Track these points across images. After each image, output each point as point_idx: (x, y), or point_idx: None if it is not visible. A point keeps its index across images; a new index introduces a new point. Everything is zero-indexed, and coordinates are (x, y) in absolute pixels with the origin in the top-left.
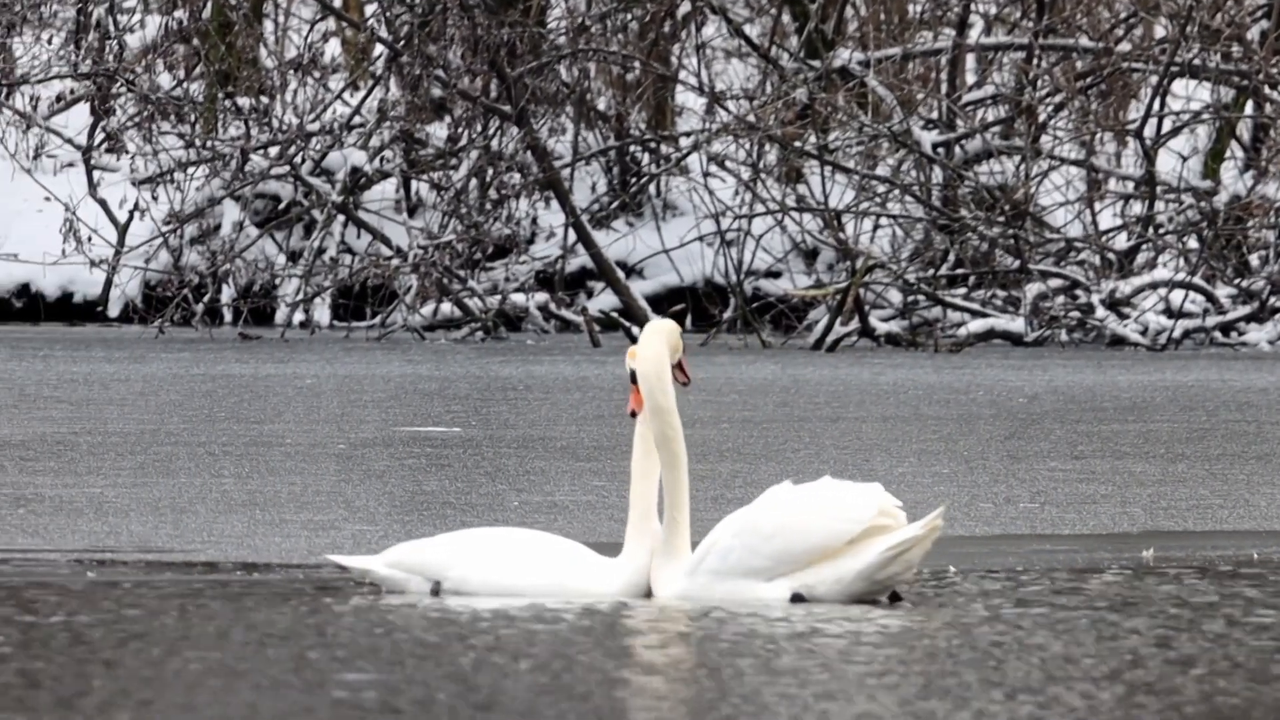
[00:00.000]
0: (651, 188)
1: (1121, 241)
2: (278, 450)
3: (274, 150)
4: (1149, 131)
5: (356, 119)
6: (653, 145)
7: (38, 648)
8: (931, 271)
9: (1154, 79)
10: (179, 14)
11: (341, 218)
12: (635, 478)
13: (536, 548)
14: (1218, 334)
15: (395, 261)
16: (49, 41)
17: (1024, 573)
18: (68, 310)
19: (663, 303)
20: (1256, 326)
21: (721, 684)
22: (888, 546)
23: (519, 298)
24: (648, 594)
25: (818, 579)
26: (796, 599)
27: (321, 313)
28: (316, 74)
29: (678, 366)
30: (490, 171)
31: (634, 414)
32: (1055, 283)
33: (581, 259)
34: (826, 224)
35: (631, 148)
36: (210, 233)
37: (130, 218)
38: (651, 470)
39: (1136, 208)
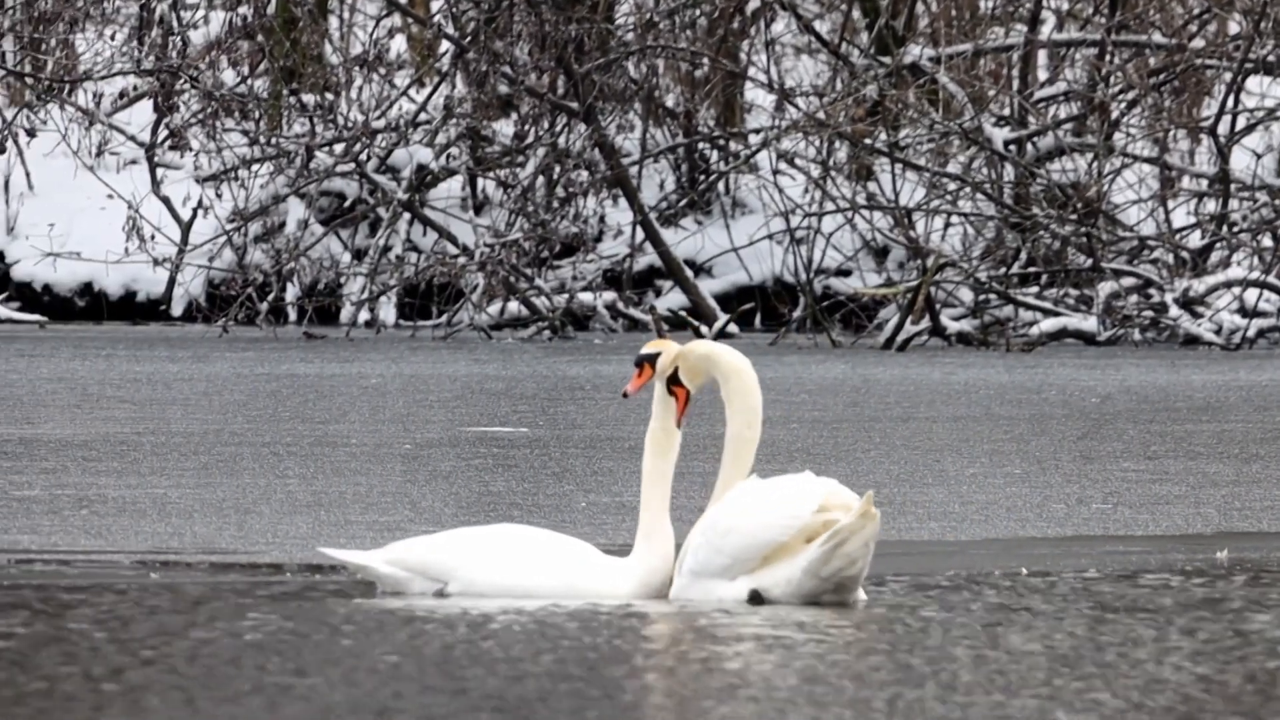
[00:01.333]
0: (720, 185)
1: (1195, 240)
2: (343, 451)
3: (339, 147)
4: (1223, 129)
5: (422, 116)
6: (721, 142)
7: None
8: (1003, 270)
9: (1227, 75)
10: (243, 10)
11: (407, 215)
12: (647, 478)
13: (545, 548)
14: None
15: (461, 260)
16: (112, 38)
17: (1097, 574)
18: (131, 309)
19: (731, 301)
20: None
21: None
22: (822, 541)
23: (586, 296)
24: (655, 594)
25: (772, 579)
26: (754, 599)
27: (387, 311)
28: (382, 70)
29: (681, 398)
30: (557, 169)
31: (625, 395)
32: (1128, 281)
33: (650, 257)
34: (897, 222)
35: (700, 145)
36: (274, 231)
37: (194, 215)
38: (664, 471)
39: (1210, 205)
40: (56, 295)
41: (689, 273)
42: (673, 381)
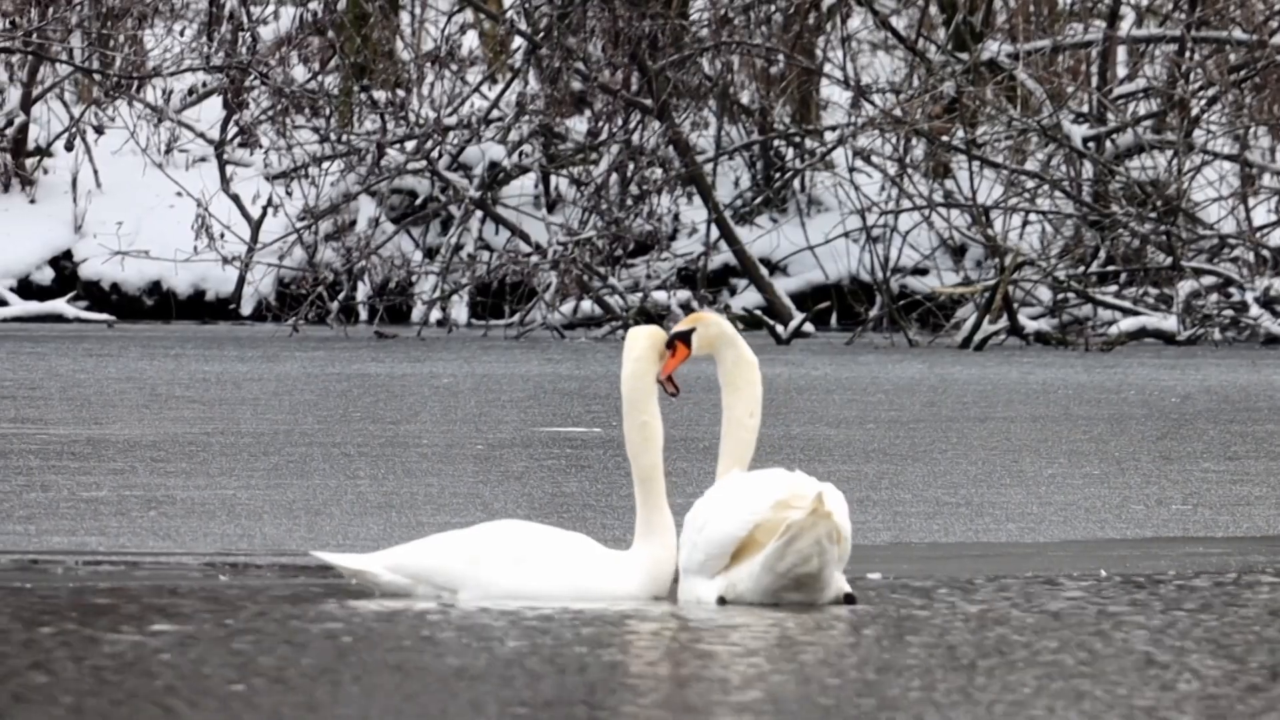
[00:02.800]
0: (796, 183)
1: (1276, 238)
2: (414, 451)
3: (410, 145)
4: None
5: (495, 113)
6: (797, 140)
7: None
8: (1082, 268)
9: None
10: (314, 5)
11: (479, 213)
12: (640, 470)
13: (551, 547)
14: None
15: (534, 258)
16: (181, 34)
17: (1176, 576)
18: (200, 308)
19: (807, 300)
20: None
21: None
22: (776, 538)
23: (661, 295)
24: (662, 587)
25: (738, 576)
26: (721, 600)
27: (459, 310)
28: (454, 67)
29: (680, 355)
30: (631, 166)
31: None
32: (1208, 280)
33: (724, 256)
34: (974, 220)
35: (775, 142)
36: (345, 229)
37: (264, 213)
38: (656, 461)
39: None
40: (125, 294)
41: (764, 271)
42: (680, 338)
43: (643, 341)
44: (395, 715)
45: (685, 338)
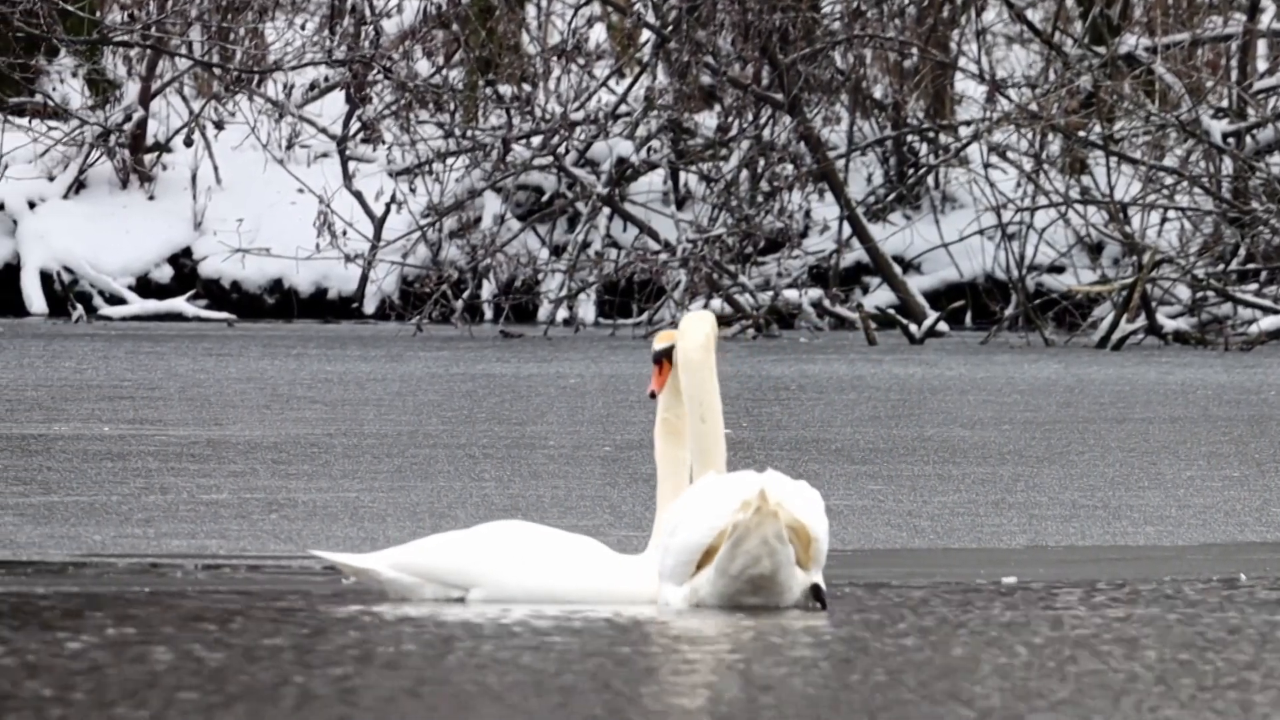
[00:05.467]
0: (930, 179)
1: None
2: (540, 453)
3: (537, 140)
4: None
5: (622, 107)
6: (931, 135)
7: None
8: (1221, 266)
9: None
10: None
11: (607, 210)
12: (662, 471)
13: (560, 548)
14: None
15: (663, 256)
16: (302, 27)
17: None
18: (322, 307)
19: (941, 299)
20: None
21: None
22: (725, 540)
23: (792, 294)
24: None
25: (699, 582)
26: (690, 606)
27: (586, 309)
28: (581, 61)
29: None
30: (762, 162)
31: (653, 395)
32: None
33: (857, 253)
34: (1112, 217)
35: (909, 137)
36: (470, 226)
37: (387, 210)
38: (682, 459)
39: None
40: (245, 292)
41: (897, 269)
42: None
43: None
44: None
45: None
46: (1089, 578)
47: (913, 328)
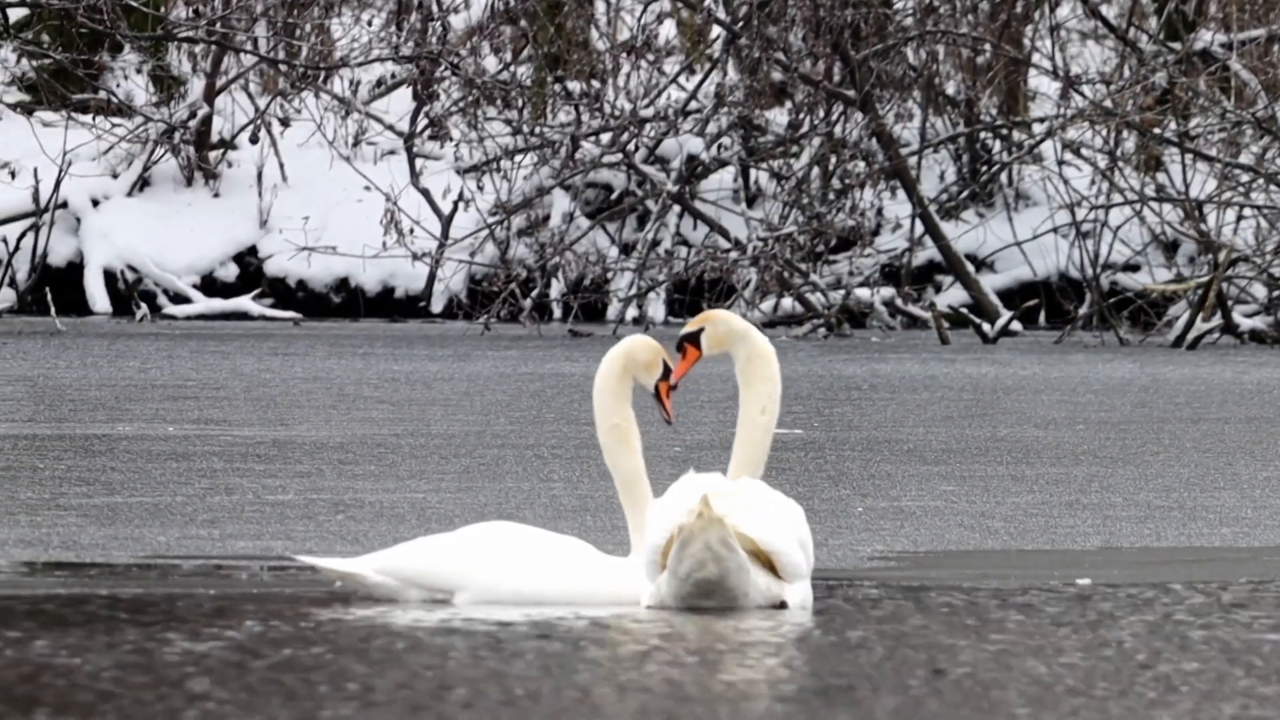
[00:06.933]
0: (1003, 176)
1: None
2: None
3: (606, 137)
4: None
5: (692, 104)
6: (1004, 132)
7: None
8: None
9: None
10: None
11: (677, 208)
12: (622, 474)
13: (546, 550)
14: None
15: (733, 254)
16: (369, 23)
17: None
18: (388, 305)
19: (1014, 297)
20: None
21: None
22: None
23: (863, 292)
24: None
25: (660, 581)
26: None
27: (656, 308)
28: (650, 57)
29: (690, 358)
30: (833, 160)
31: (674, 387)
32: None
33: (929, 251)
34: (1187, 215)
35: (982, 134)
36: (539, 224)
37: (454, 208)
38: (638, 464)
39: None
40: (311, 291)
41: (970, 268)
42: (689, 339)
43: (616, 351)
44: None
45: (694, 339)
46: (1164, 579)
47: (986, 327)
